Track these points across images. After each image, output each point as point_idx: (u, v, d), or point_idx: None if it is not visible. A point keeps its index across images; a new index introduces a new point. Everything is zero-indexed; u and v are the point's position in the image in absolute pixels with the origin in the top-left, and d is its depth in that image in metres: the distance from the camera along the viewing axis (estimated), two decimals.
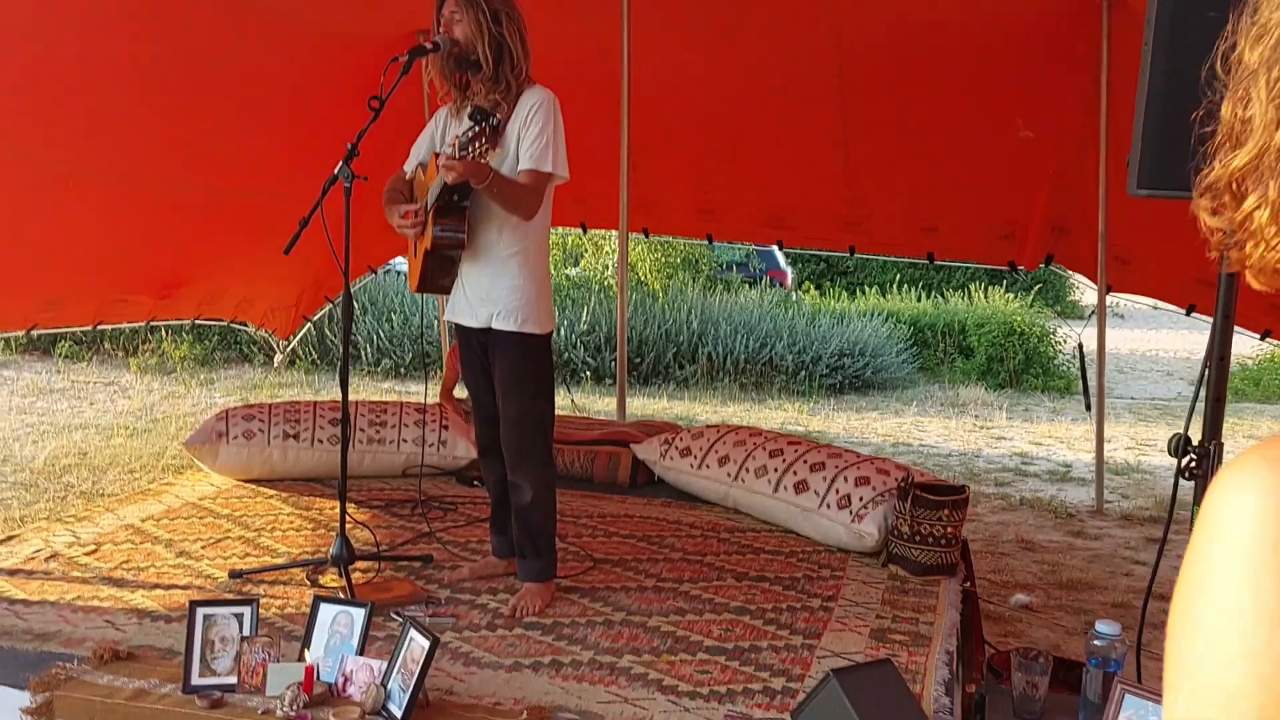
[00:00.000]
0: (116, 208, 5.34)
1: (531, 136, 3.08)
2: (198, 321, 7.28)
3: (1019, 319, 11.49)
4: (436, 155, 3.13)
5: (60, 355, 10.05)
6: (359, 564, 3.36)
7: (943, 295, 14.07)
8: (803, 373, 10.28)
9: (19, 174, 4.68)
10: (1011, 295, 13.29)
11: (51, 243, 5.21)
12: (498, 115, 3.00)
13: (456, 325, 3.34)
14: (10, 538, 3.79)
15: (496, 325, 3.19)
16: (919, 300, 13.98)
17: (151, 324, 7.07)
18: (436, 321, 7.71)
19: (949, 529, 3.68)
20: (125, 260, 5.87)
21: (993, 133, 5.90)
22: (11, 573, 3.36)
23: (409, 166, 3.42)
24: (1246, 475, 0.59)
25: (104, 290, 6.00)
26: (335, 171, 3.16)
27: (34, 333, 6.11)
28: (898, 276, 15.57)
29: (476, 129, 2.86)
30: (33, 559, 3.50)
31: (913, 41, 5.49)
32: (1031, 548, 5.12)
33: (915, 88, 5.83)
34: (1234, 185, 0.68)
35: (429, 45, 3.12)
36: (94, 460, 6.27)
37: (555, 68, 4.03)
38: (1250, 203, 0.66)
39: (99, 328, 6.58)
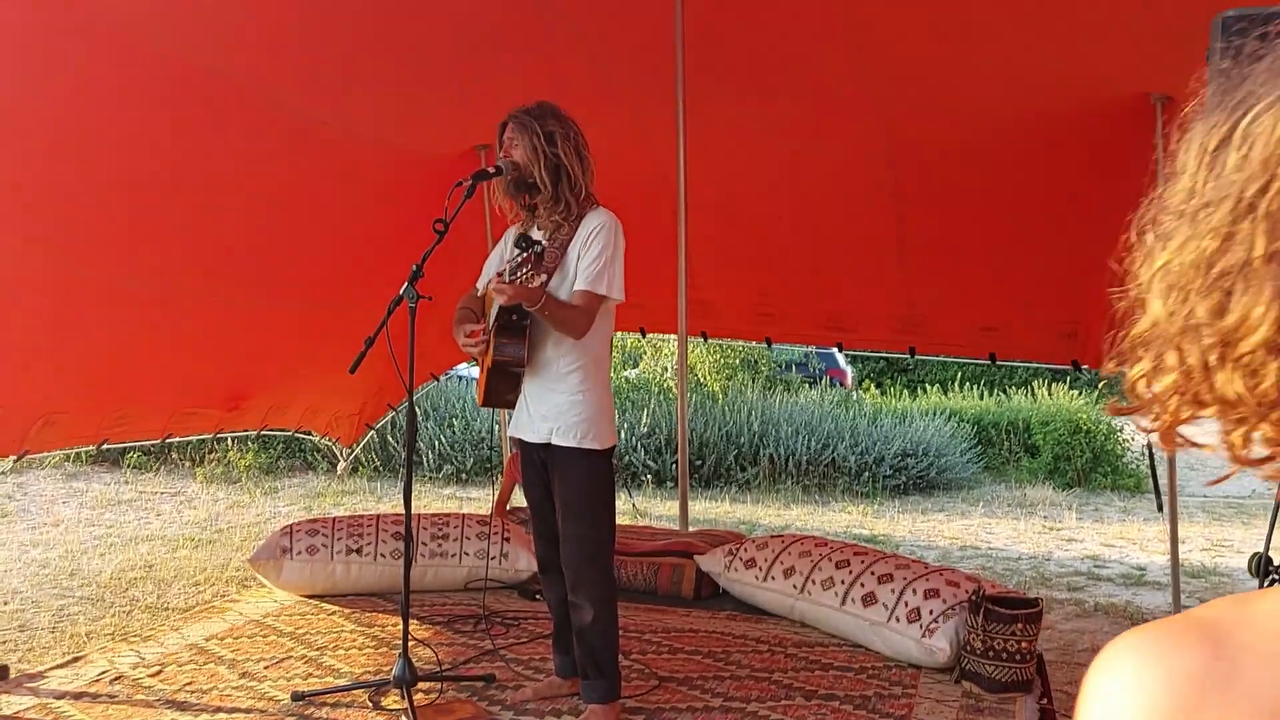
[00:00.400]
0: (184, 323, 5.50)
1: (590, 258, 3.12)
2: (263, 432, 7.41)
3: (1085, 416, 11.25)
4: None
5: (129, 465, 10.25)
6: (421, 684, 3.31)
7: (1005, 392, 13.87)
8: (866, 474, 10.13)
9: (90, 292, 4.85)
10: (1076, 391, 13.04)
11: (122, 359, 5.37)
12: (542, 244, 3.11)
13: (518, 440, 3.35)
14: (76, 659, 3.81)
15: (557, 441, 3.19)
16: (981, 398, 13.78)
17: (219, 435, 7.20)
18: (497, 427, 7.76)
19: (1023, 644, 3.55)
20: (194, 374, 6.02)
21: (1050, 231, 5.87)
22: (77, 696, 3.37)
23: (480, 284, 3.48)
24: (1118, 663, 0.56)
25: (173, 404, 6.14)
26: (401, 292, 3.22)
27: (104, 446, 6.26)
28: (959, 374, 15.39)
29: (523, 256, 2.96)
30: (98, 681, 3.51)
31: (966, 140, 5.53)
32: None
33: (969, 187, 5.84)
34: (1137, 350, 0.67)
35: (491, 170, 3.20)
36: (159, 573, 6.32)
37: (612, 176, 4.11)
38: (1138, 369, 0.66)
39: (168, 440, 6.72)
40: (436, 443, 10.53)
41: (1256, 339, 0.59)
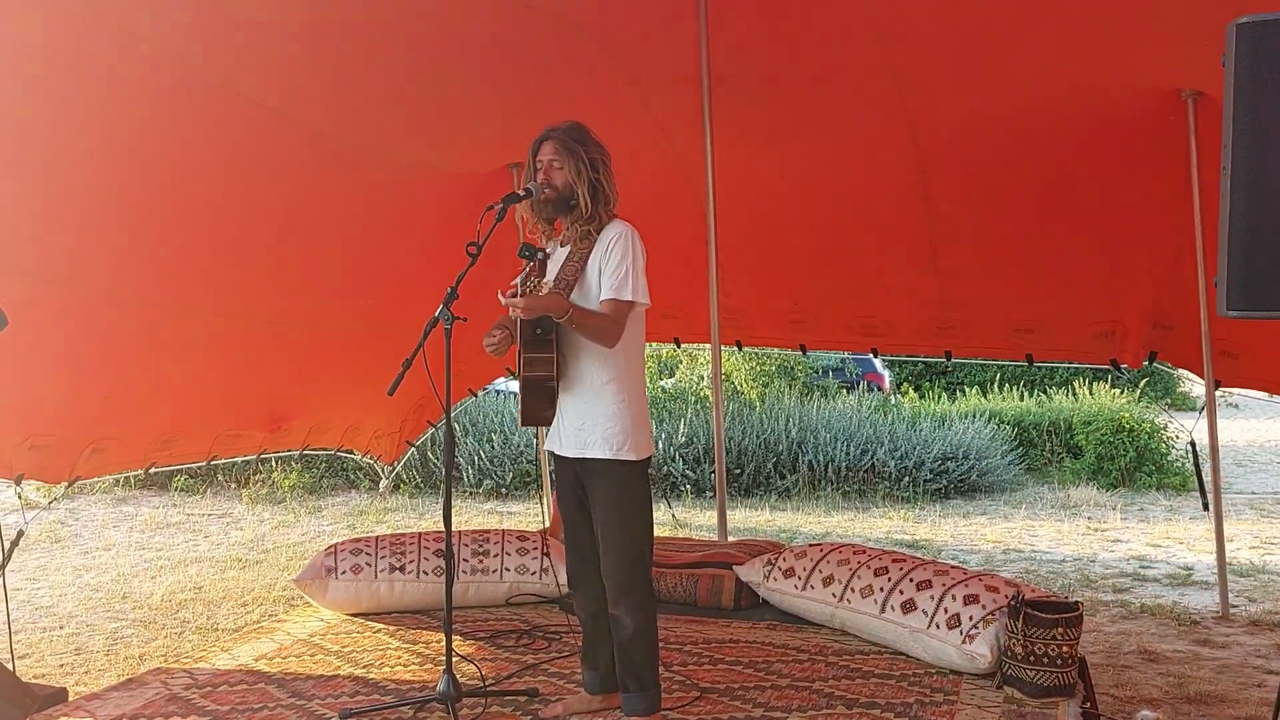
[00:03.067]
0: (226, 348, 5.62)
1: (612, 267, 3.17)
2: (306, 452, 7.52)
3: (1127, 415, 11.13)
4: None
5: (176, 489, 10.44)
6: (465, 700, 3.36)
7: (1046, 393, 13.75)
8: (906, 478, 10.08)
9: (133, 320, 4.96)
10: (1118, 390, 12.90)
11: (166, 385, 5.49)
12: (544, 251, 3.24)
13: (553, 455, 3.39)
14: (131, 680, 3.90)
15: (593, 453, 3.21)
16: (1021, 399, 13.66)
17: (262, 456, 7.32)
18: (536, 441, 7.81)
19: (1064, 648, 3.53)
20: (236, 397, 6.13)
21: (1084, 230, 5.83)
22: (133, 717, 3.45)
23: None
24: None
25: (217, 427, 6.26)
26: (436, 314, 3.27)
27: (151, 470, 6.40)
28: (998, 375, 15.27)
29: (529, 266, 3.07)
30: (152, 704, 3.59)
31: (996, 141, 5.51)
32: (1155, 659, 4.86)
33: (1001, 188, 5.82)
34: None
35: (521, 193, 3.25)
36: (209, 594, 6.44)
37: (641, 188, 4.15)
38: None
39: (213, 462, 6.85)
40: (476, 458, 10.62)
41: None
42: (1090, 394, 12.69)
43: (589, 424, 3.22)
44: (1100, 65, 4.77)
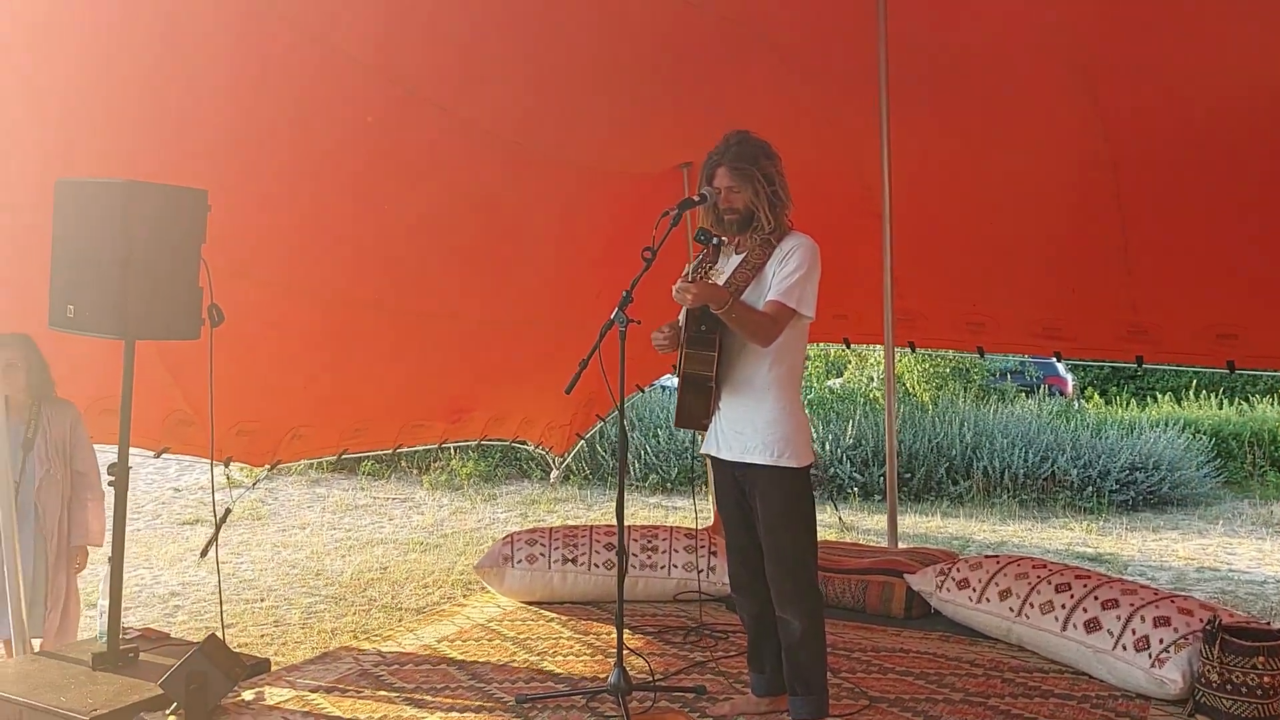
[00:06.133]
0: (413, 343, 5.90)
1: (785, 273, 3.17)
2: (483, 442, 7.82)
3: None
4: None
5: (364, 473, 11.01)
6: (635, 693, 3.44)
7: (1248, 400, 12.85)
8: (1090, 488, 9.63)
9: (331, 319, 5.28)
10: None
11: (359, 377, 5.82)
12: (720, 238, 3.26)
13: (712, 459, 3.41)
14: (325, 655, 4.17)
15: (753, 459, 3.22)
16: (1220, 407, 12.81)
17: (443, 445, 7.65)
18: (700, 438, 7.87)
19: (1265, 678, 3.33)
20: (421, 390, 6.44)
21: None
22: (329, 689, 3.69)
23: (681, 316, 3.57)
24: None
25: (403, 417, 6.60)
26: (612, 317, 3.35)
27: (343, 456, 6.80)
28: (1194, 381, 14.36)
29: (705, 251, 3.13)
30: (345, 677, 3.83)
31: (1194, 137, 5.19)
32: None
33: (1199, 184, 5.46)
34: None
35: (696, 198, 3.30)
36: (393, 575, 6.79)
37: (816, 187, 4.12)
38: None
39: (398, 450, 7.19)
40: (642, 453, 10.76)
41: None
42: None
43: (748, 429, 3.23)
44: None
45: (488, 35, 4.23)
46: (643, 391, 9.32)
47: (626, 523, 3.57)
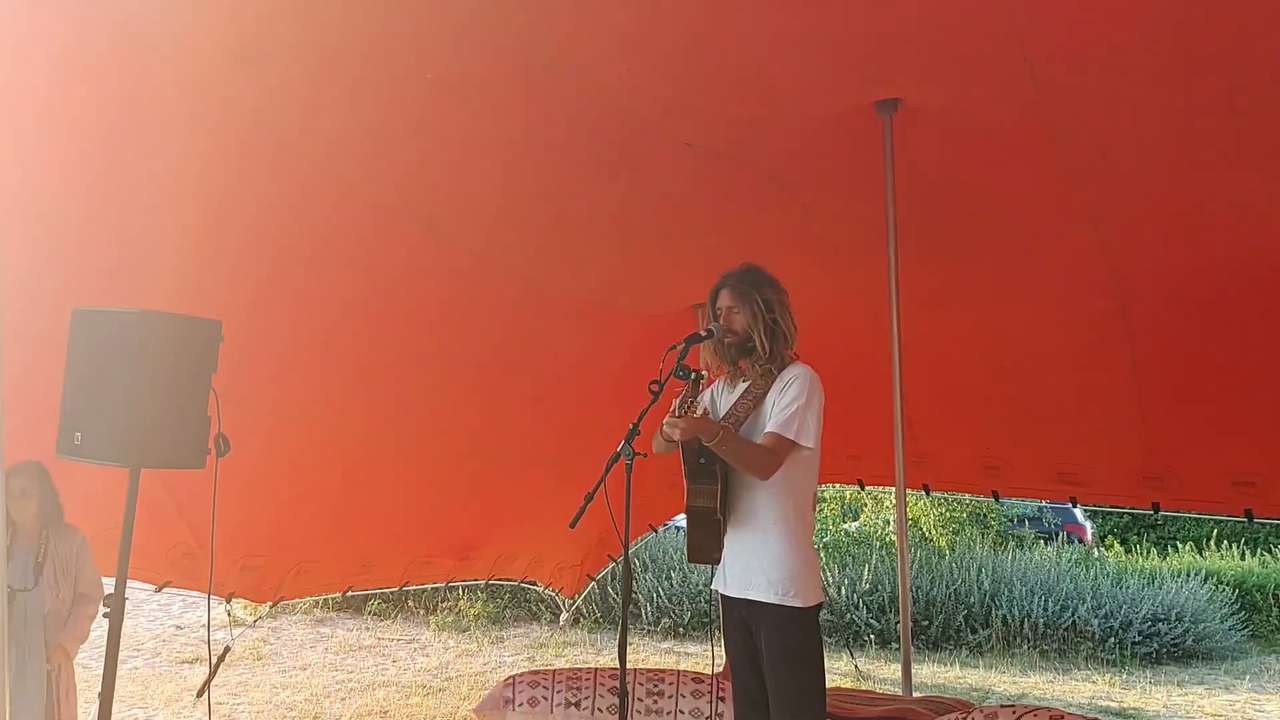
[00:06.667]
0: (420, 479, 5.88)
1: (784, 403, 3.16)
2: (491, 581, 7.70)
3: None
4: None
5: (369, 612, 10.82)
6: None
7: (1271, 551, 12.58)
8: (1112, 639, 9.35)
9: (336, 451, 5.28)
10: None
11: (365, 513, 5.78)
12: (700, 371, 3.17)
13: (720, 596, 3.34)
14: None
15: (759, 596, 3.14)
16: (1243, 557, 12.54)
17: (450, 583, 7.54)
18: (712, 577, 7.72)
19: None
20: (428, 526, 6.39)
21: None
22: None
23: None
24: None
25: (410, 554, 6.53)
26: (618, 450, 3.34)
27: (349, 593, 6.69)
28: (1215, 531, 14.10)
29: (686, 386, 3.06)
30: None
31: (1206, 276, 5.21)
32: None
33: (1214, 327, 5.46)
34: None
35: (703, 333, 3.33)
36: (393, 719, 6.59)
37: (826, 329, 4.15)
38: None
39: (405, 588, 7.09)
40: (655, 595, 10.55)
41: None
42: None
43: (753, 564, 3.17)
44: None
45: (514, 175, 4.35)
46: (655, 532, 9.20)
47: (633, 667, 3.47)
